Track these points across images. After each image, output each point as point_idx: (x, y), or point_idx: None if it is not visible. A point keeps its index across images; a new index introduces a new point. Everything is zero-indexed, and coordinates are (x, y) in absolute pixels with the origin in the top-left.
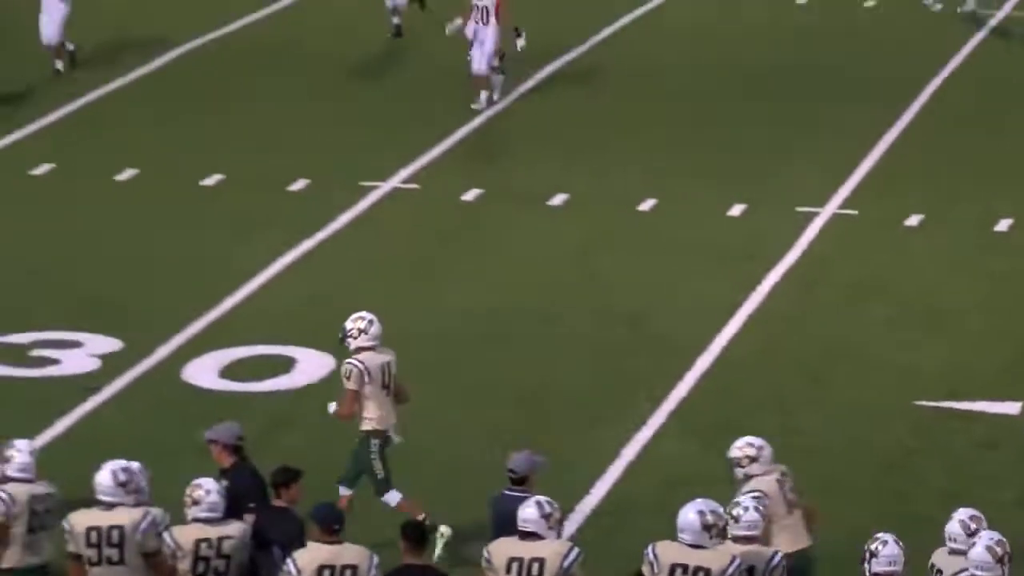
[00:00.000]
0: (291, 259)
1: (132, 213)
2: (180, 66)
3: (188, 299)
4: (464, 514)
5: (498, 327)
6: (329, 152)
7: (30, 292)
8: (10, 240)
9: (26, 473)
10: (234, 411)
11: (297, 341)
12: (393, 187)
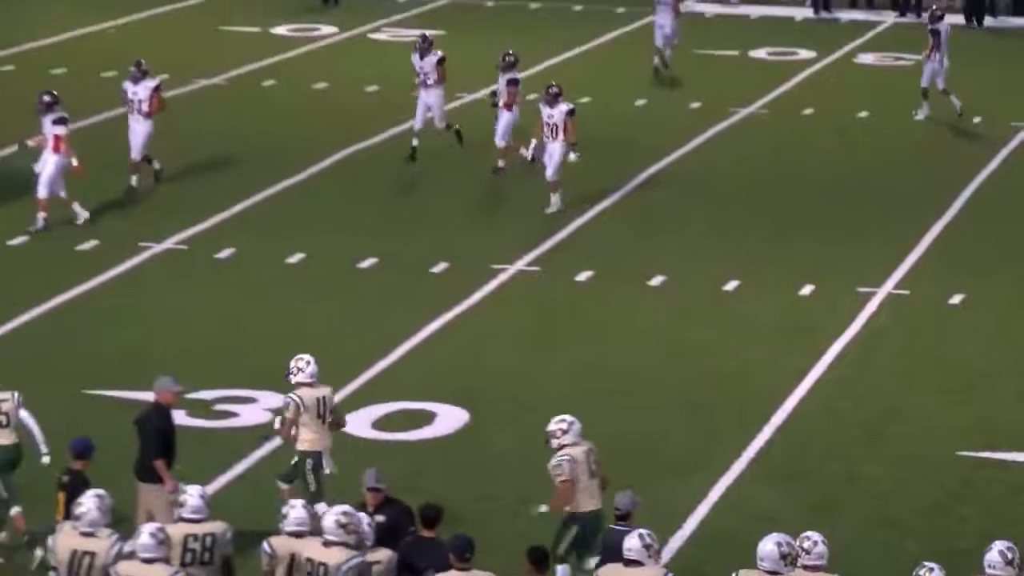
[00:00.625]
0: (433, 329)
1: (300, 290)
2: (336, 170)
3: (345, 362)
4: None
5: (606, 386)
6: (464, 240)
7: (215, 356)
8: (199, 314)
9: (199, 515)
10: (384, 457)
11: (437, 398)
12: (518, 270)
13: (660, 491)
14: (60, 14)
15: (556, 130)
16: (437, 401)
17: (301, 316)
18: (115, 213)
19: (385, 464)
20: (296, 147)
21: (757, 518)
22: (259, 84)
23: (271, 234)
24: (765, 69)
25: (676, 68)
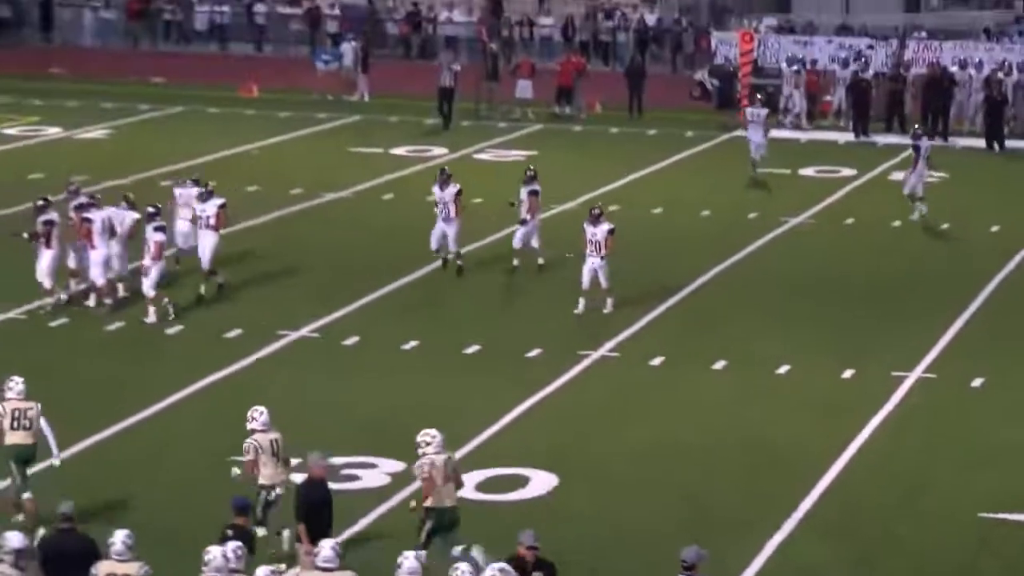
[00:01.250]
0: (528, 405)
1: (414, 372)
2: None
3: (453, 432)
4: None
5: (675, 453)
6: (553, 330)
7: (343, 428)
8: (329, 392)
9: (330, 564)
10: (485, 516)
11: (531, 464)
12: (601, 355)
13: (720, 545)
14: (214, 137)
15: (599, 246)
16: (531, 467)
17: (415, 394)
18: (257, 306)
19: (487, 522)
20: (409, 251)
21: (806, 571)
22: (379, 197)
23: (390, 324)
24: (812, 185)
25: (735, 184)
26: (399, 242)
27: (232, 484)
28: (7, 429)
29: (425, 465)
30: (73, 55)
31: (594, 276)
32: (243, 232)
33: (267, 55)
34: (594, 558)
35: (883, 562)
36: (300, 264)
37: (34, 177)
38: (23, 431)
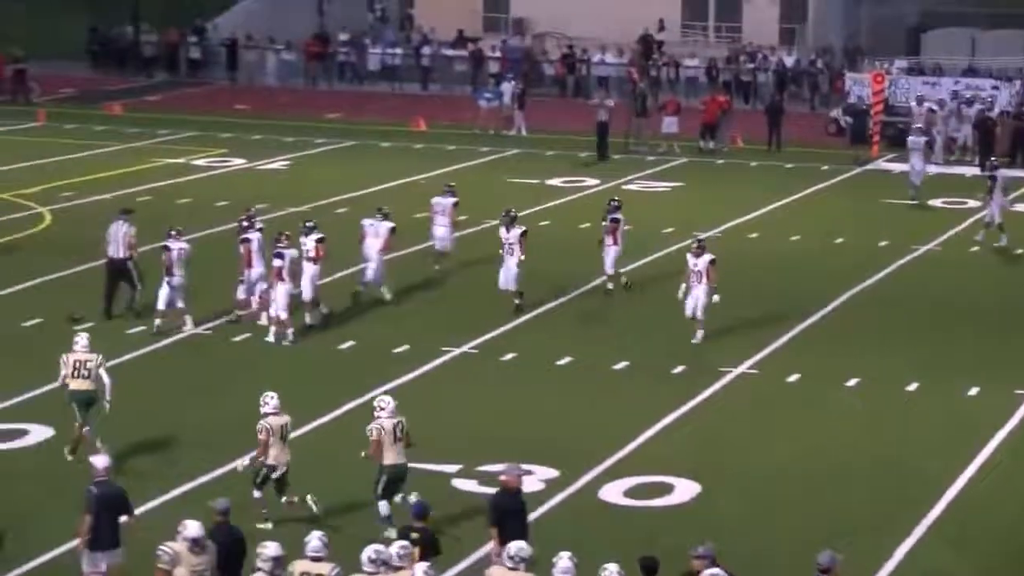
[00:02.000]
0: (673, 417)
1: (568, 387)
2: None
3: (604, 443)
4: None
5: (811, 463)
6: (697, 349)
7: (499, 436)
8: (488, 403)
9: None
10: (631, 520)
11: (675, 473)
12: (741, 372)
13: (853, 550)
14: (385, 168)
15: (701, 276)
16: (676, 475)
17: (568, 406)
18: (424, 324)
19: (632, 527)
20: (562, 273)
21: (933, 571)
22: (536, 224)
23: (544, 341)
24: (940, 214)
25: (867, 214)
26: (554, 265)
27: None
28: (70, 376)
29: (374, 429)
30: (256, 93)
31: (695, 306)
32: (412, 255)
33: (433, 93)
34: (735, 562)
35: (1005, 570)
36: (464, 285)
37: (220, 204)
38: (82, 379)
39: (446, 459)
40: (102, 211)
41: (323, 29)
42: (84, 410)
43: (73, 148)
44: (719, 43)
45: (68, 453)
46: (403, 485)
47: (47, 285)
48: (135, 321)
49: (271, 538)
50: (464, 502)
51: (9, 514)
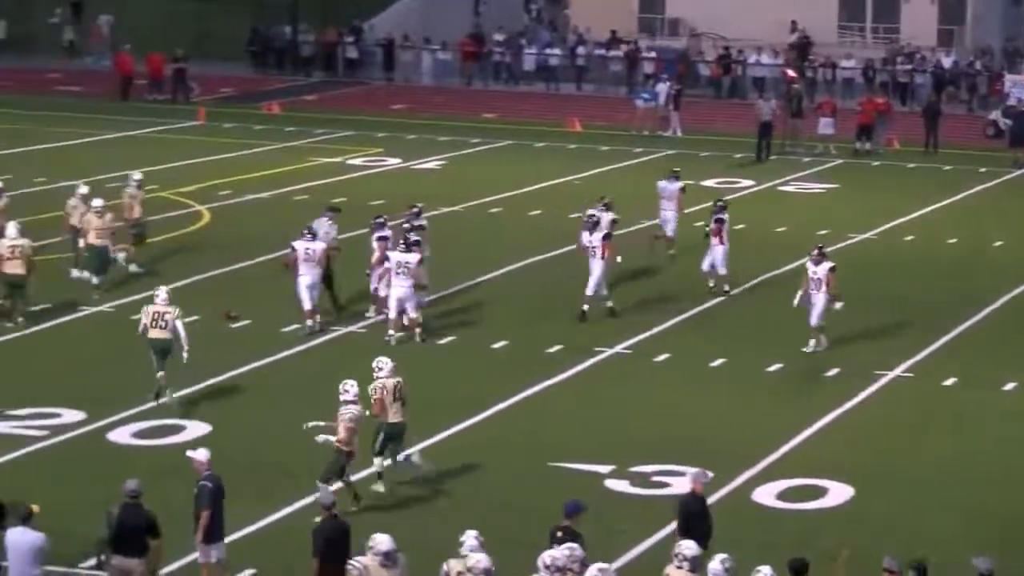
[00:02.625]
0: (827, 421)
1: (720, 388)
2: (753, 293)
3: (757, 444)
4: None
5: (963, 467)
6: (851, 351)
7: (652, 438)
8: (639, 404)
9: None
10: (783, 523)
11: (829, 476)
12: (897, 375)
13: (1011, 554)
14: (539, 168)
15: (820, 284)
16: (829, 478)
17: (722, 407)
18: (574, 323)
19: (784, 529)
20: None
21: None
22: (691, 224)
23: (699, 343)
24: None
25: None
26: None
27: (561, 487)
28: (149, 326)
29: (377, 387)
30: (412, 93)
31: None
32: (567, 255)
33: (588, 93)
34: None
35: None
36: (616, 285)
37: (375, 203)
38: (159, 329)
39: (599, 459)
40: (259, 210)
41: (479, 29)
42: (161, 358)
43: (231, 147)
44: (876, 44)
45: (153, 399)
46: (400, 443)
47: (204, 283)
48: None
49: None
50: (617, 503)
51: (165, 509)
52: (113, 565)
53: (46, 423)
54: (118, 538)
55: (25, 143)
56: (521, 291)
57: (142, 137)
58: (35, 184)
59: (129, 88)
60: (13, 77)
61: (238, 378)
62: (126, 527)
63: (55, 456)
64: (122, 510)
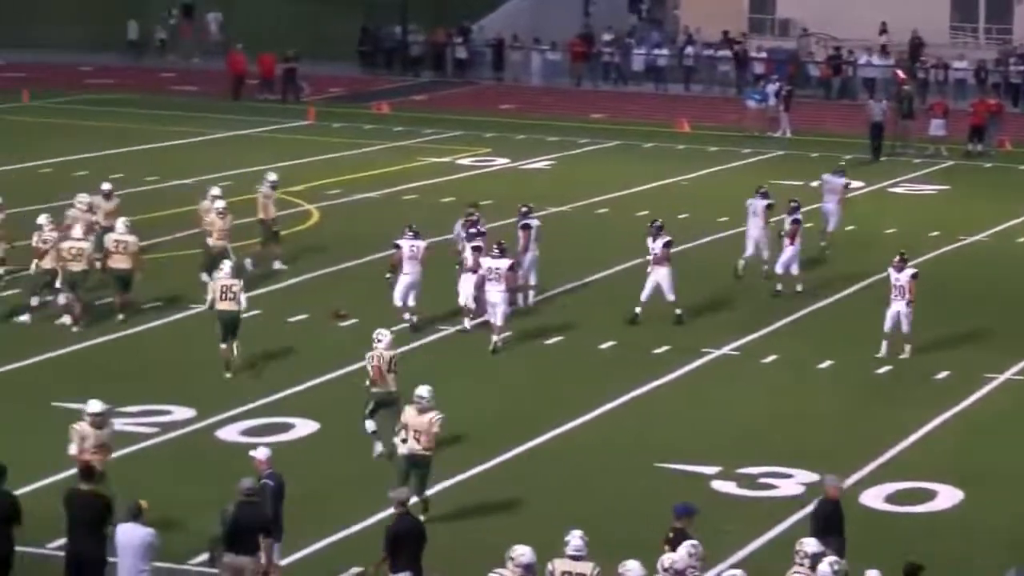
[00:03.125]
0: (935, 424)
1: (826, 389)
2: (864, 293)
3: (864, 446)
4: None
5: None
6: (959, 352)
7: (758, 438)
8: (746, 405)
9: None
10: (891, 527)
11: (938, 479)
12: (1007, 378)
13: None
14: (647, 169)
15: (903, 291)
16: (938, 482)
17: (829, 409)
18: (685, 325)
19: (893, 533)
20: (825, 276)
21: None
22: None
23: (804, 344)
24: None
25: None
26: (814, 268)
27: (667, 488)
28: (217, 299)
29: (374, 356)
30: (521, 93)
31: (896, 321)
32: (678, 253)
33: (696, 94)
34: (998, 574)
35: None
36: (726, 286)
37: (484, 203)
38: (227, 300)
39: (705, 461)
40: (368, 209)
41: (588, 29)
42: (229, 328)
43: (341, 146)
44: (989, 45)
45: (225, 371)
46: (392, 410)
47: (312, 281)
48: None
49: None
50: (723, 504)
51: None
52: (225, 563)
53: (157, 420)
54: (232, 536)
55: (138, 142)
56: (628, 292)
57: (253, 136)
58: (146, 183)
59: (241, 88)
60: (132, 76)
61: (345, 377)
62: (240, 525)
63: (165, 453)
64: (237, 508)
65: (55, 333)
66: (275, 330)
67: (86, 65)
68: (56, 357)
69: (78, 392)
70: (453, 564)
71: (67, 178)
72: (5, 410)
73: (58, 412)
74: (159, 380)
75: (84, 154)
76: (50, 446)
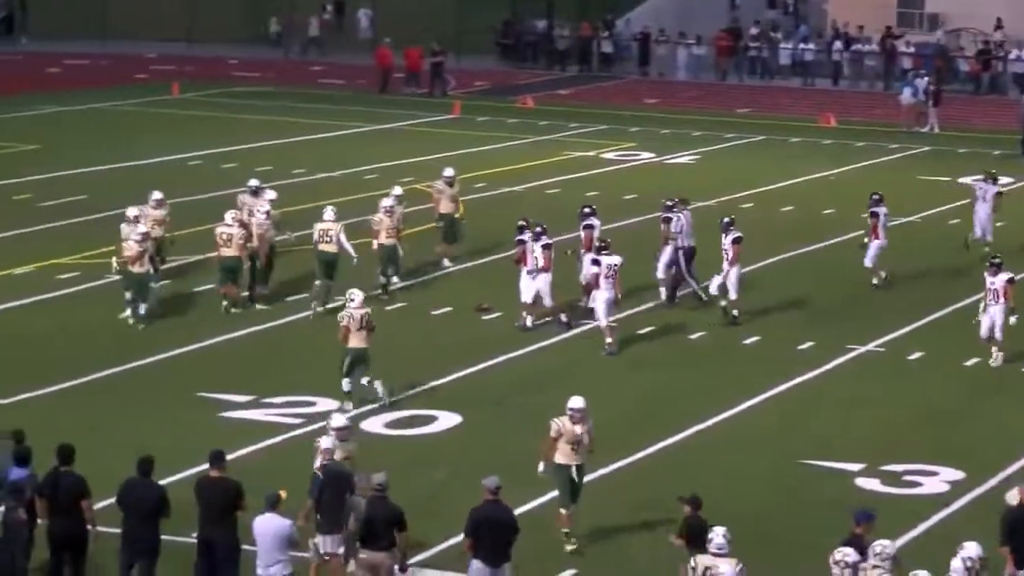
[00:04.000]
0: None
1: (976, 386)
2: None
3: (1011, 443)
4: None
5: None
6: None
7: (910, 436)
8: (894, 403)
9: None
10: None
11: None
12: None
13: None
14: (793, 164)
15: (997, 295)
16: None
17: (976, 407)
18: (830, 320)
19: None
20: (970, 274)
21: None
22: (946, 223)
23: (950, 341)
24: None
25: None
26: (960, 266)
27: (811, 485)
28: (318, 241)
29: (345, 316)
30: (666, 87)
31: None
32: (818, 251)
33: (843, 89)
34: None
35: None
36: (865, 283)
37: (628, 197)
38: (326, 243)
39: (849, 458)
40: (513, 203)
41: (735, 23)
42: (327, 268)
43: (485, 140)
44: None
45: (318, 307)
46: (365, 367)
47: (457, 275)
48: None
49: None
50: (867, 501)
51: (418, 497)
52: (361, 559)
53: (301, 411)
54: (366, 532)
55: (286, 135)
56: (771, 288)
57: (398, 130)
58: (293, 176)
59: (388, 81)
60: (279, 70)
61: (488, 370)
62: (373, 520)
63: (309, 444)
64: (369, 503)
65: (202, 324)
66: (419, 323)
67: (233, 58)
68: (202, 349)
69: (222, 384)
70: (608, 560)
71: (216, 170)
72: (152, 400)
73: (202, 403)
74: (303, 372)
75: (232, 147)
76: (193, 437)
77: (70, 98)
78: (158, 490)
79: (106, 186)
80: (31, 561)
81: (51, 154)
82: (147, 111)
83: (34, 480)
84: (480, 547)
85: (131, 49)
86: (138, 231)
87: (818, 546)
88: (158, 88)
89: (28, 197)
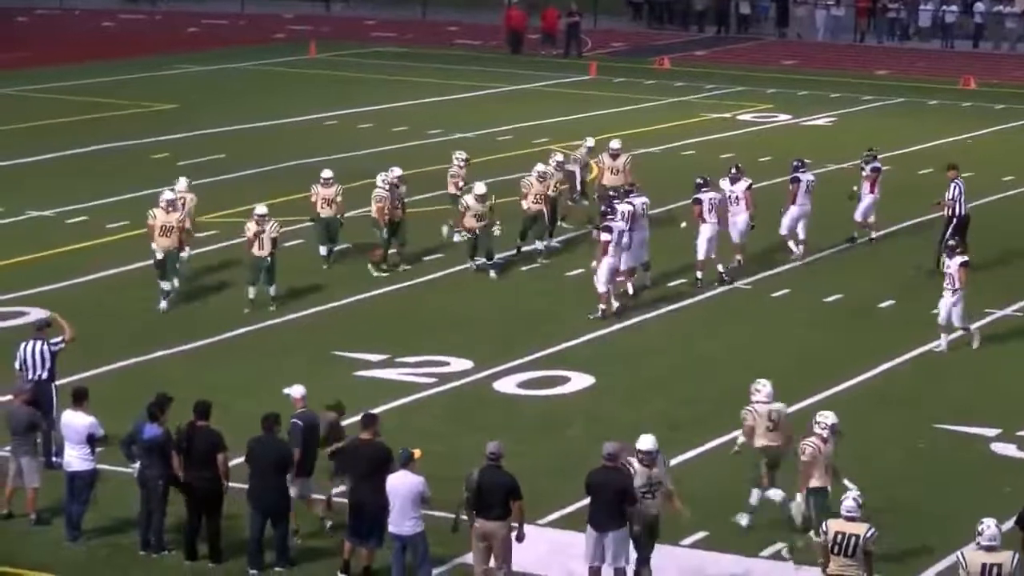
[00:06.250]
0: None
1: None
2: None
3: None
4: None
5: None
6: None
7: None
8: None
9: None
10: None
11: None
12: None
13: None
14: (931, 127)
15: (952, 280)
16: None
17: None
18: (977, 285)
19: None
20: None
21: None
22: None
23: None
24: None
25: None
26: None
27: (947, 449)
28: (386, 208)
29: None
30: (805, 48)
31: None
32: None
33: (983, 51)
34: None
35: None
36: (1006, 247)
37: (763, 159)
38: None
39: (986, 423)
40: (647, 165)
41: None
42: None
43: (621, 101)
44: None
45: (374, 270)
46: (268, 274)
47: (589, 236)
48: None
49: None
50: (1003, 466)
51: (557, 457)
52: (476, 528)
53: (435, 371)
54: (479, 500)
55: (422, 95)
56: (907, 252)
57: (533, 91)
58: (429, 136)
59: (520, 43)
60: (415, 29)
61: (620, 332)
62: (487, 489)
63: (443, 403)
64: (482, 472)
65: (340, 282)
66: (554, 285)
67: (370, 19)
68: (338, 307)
69: (357, 343)
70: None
71: (352, 130)
72: (287, 360)
73: (337, 361)
74: (437, 331)
75: (368, 107)
76: (327, 396)
77: (208, 58)
78: (283, 447)
79: (243, 146)
80: (168, 516)
81: (189, 113)
82: (284, 71)
83: (168, 436)
84: (592, 510)
85: (269, 9)
86: (257, 212)
87: (952, 515)
88: (295, 48)
89: (166, 156)
